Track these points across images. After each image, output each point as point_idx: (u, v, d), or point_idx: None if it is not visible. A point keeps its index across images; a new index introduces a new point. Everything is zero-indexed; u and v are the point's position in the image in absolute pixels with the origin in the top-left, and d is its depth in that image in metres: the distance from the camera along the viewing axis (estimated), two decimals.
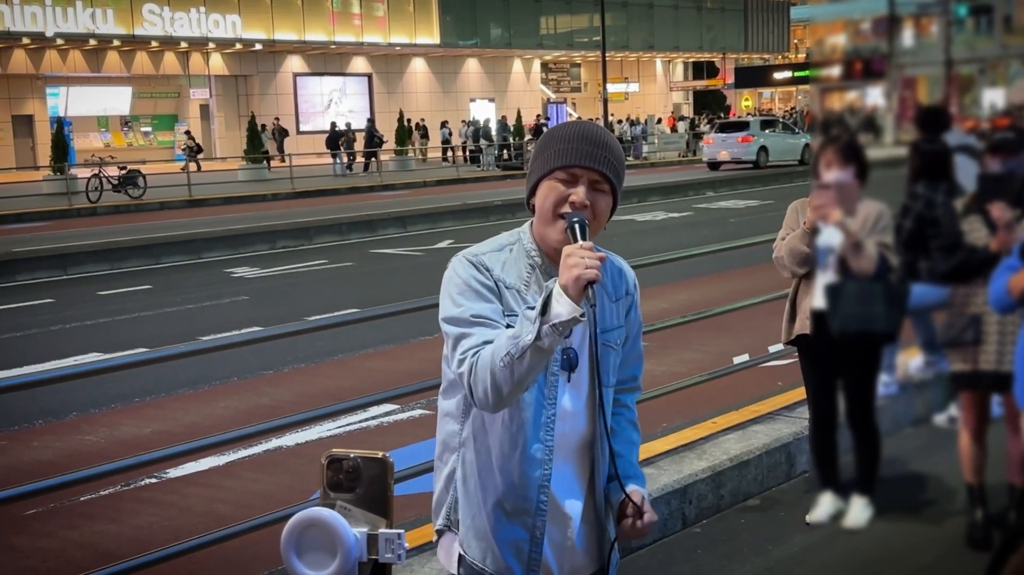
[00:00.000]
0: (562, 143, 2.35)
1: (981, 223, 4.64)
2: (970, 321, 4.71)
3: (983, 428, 4.96)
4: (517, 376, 2.16)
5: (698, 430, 5.93)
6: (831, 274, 4.81)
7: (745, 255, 8.21)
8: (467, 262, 2.36)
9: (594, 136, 2.36)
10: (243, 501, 5.73)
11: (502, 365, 2.15)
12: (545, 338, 2.11)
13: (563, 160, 2.32)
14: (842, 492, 5.20)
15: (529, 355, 2.12)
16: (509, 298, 2.34)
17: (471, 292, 2.32)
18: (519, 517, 2.39)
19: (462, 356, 2.26)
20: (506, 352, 2.15)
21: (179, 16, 41.14)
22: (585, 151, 2.32)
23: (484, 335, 2.25)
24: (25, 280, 15.08)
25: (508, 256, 2.39)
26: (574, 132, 2.37)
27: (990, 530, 4.83)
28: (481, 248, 2.41)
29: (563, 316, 2.09)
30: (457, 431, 2.44)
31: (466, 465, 2.43)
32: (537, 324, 2.10)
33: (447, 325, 2.33)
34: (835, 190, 4.67)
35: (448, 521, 2.48)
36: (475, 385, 2.23)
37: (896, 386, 6.57)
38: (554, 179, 2.33)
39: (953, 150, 5.69)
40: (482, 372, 2.20)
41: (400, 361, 8.99)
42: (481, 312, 2.29)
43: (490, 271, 2.35)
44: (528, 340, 2.11)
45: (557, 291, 2.11)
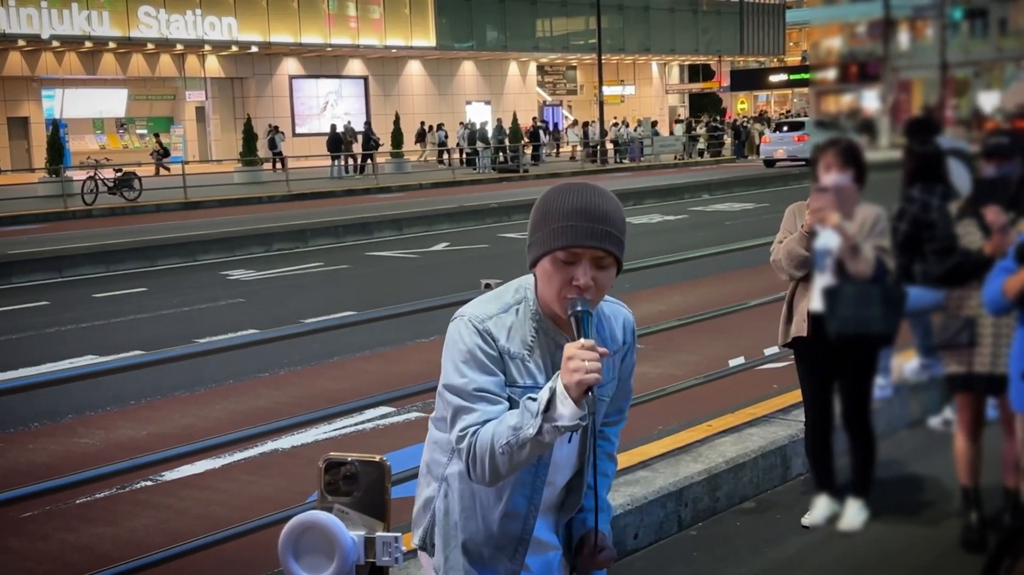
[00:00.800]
0: (562, 220, 2.26)
1: (975, 227, 4.65)
2: (964, 324, 4.72)
3: (978, 430, 4.97)
4: (515, 463, 2.22)
5: (694, 433, 5.93)
6: (829, 277, 4.82)
7: (741, 258, 8.22)
8: (473, 329, 2.33)
9: (594, 211, 2.26)
10: (239, 504, 5.72)
11: (500, 452, 2.20)
12: (546, 435, 2.16)
13: (564, 241, 2.25)
14: (838, 494, 5.21)
15: (529, 447, 2.19)
16: (512, 368, 2.33)
17: (475, 363, 2.31)
18: (497, 562, 2.45)
19: (461, 433, 2.28)
20: (506, 441, 2.19)
21: (175, 18, 41.12)
22: (586, 230, 2.24)
23: (485, 412, 2.27)
24: (20, 282, 15.06)
25: (514, 320, 2.36)
26: (574, 207, 2.26)
27: (985, 532, 4.84)
28: (487, 310, 2.37)
29: (565, 420, 2.13)
30: (443, 463, 2.48)
31: (448, 501, 2.46)
32: (539, 421, 2.14)
33: (449, 394, 2.33)
34: (833, 193, 4.68)
35: (424, 543, 2.53)
36: (473, 464, 2.26)
37: (891, 389, 6.58)
38: (556, 258, 2.27)
39: (945, 153, 5.70)
40: (480, 454, 2.24)
41: (396, 363, 8.99)
42: (484, 386, 2.29)
43: (495, 341, 2.32)
44: (529, 434, 2.16)
45: (561, 392, 2.12)
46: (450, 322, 2.39)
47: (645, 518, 4.97)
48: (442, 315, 2.51)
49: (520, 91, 55.04)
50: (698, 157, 43.05)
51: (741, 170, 34.44)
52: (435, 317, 9.26)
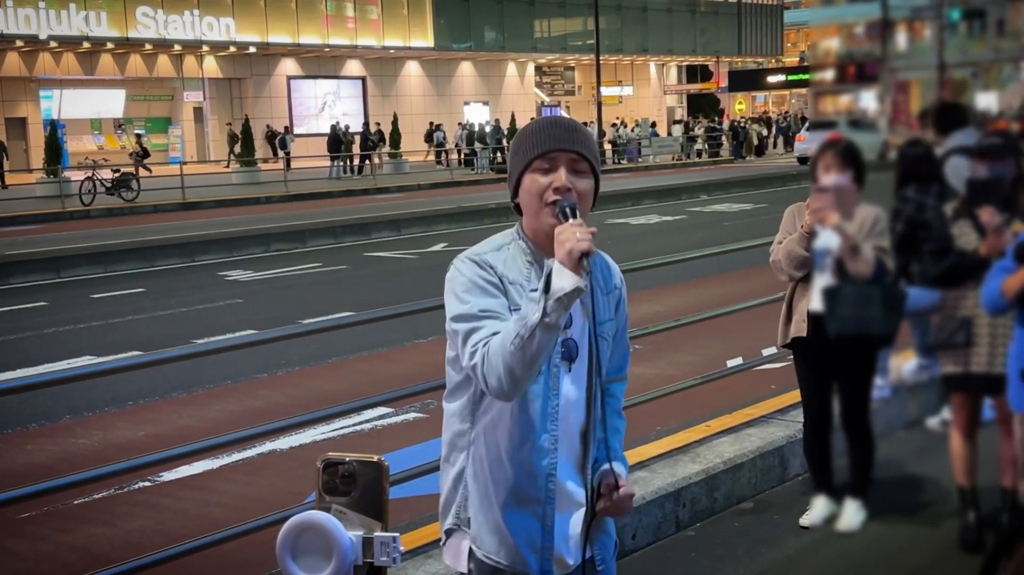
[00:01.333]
0: (534, 135, 2.44)
1: (970, 228, 4.66)
2: (961, 323, 4.72)
3: (974, 430, 4.97)
4: (528, 357, 2.22)
5: (692, 433, 5.93)
6: (828, 277, 4.82)
7: (739, 259, 8.22)
8: (470, 261, 2.43)
9: (564, 122, 2.46)
10: (237, 504, 5.72)
11: (513, 348, 2.22)
12: (552, 313, 2.18)
13: (539, 148, 2.41)
14: (836, 495, 5.21)
15: (538, 333, 2.19)
16: (513, 293, 2.40)
17: (477, 289, 2.38)
18: (530, 506, 2.46)
19: (473, 349, 2.32)
20: (516, 335, 2.21)
21: (173, 19, 41.09)
22: (557, 135, 2.41)
23: (493, 327, 2.32)
24: (18, 283, 15.05)
25: (507, 255, 2.45)
26: (543, 123, 2.47)
27: (983, 532, 4.85)
28: (481, 248, 2.48)
29: (566, 288, 2.16)
30: (465, 430, 2.50)
31: (475, 462, 2.49)
32: (542, 301, 2.17)
33: (455, 323, 2.38)
34: (833, 194, 4.68)
35: (458, 520, 2.53)
36: (488, 374, 2.28)
37: (889, 389, 6.59)
38: (534, 171, 2.41)
39: (955, 151, 5.69)
40: (494, 359, 2.26)
41: (394, 364, 8.98)
42: (488, 307, 2.36)
43: (493, 268, 2.41)
44: (536, 318, 2.18)
45: (556, 267, 2.19)
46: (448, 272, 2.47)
47: (643, 519, 4.97)
48: (440, 316, 2.52)
49: (518, 92, 55.05)
50: (696, 158, 43.04)
51: (739, 171, 34.43)
52: (433, 318, 9.26)
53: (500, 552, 2.47)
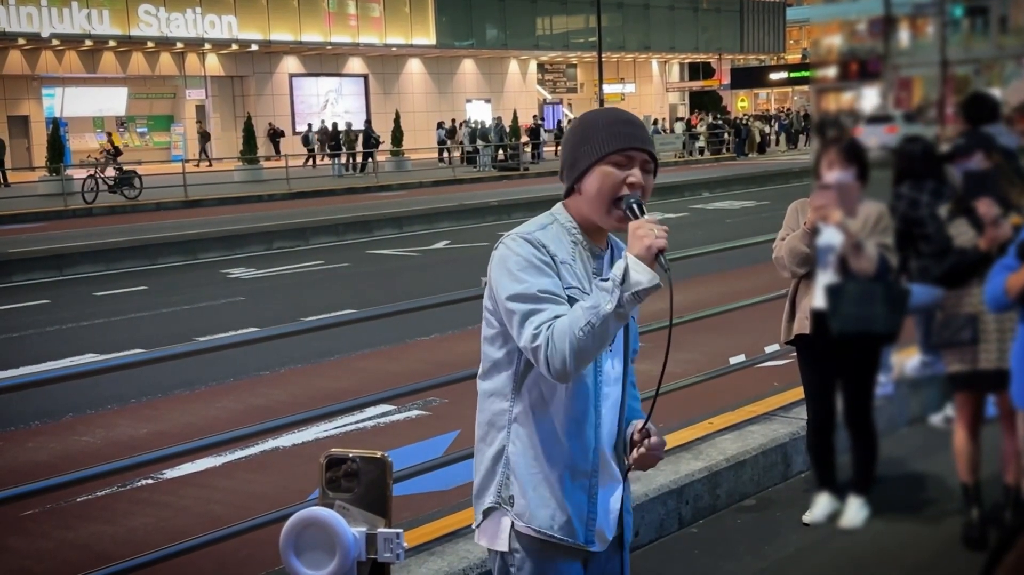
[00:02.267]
0: (611, 129, 2.47)
1: (968, 225, 4.65)
2: (966, 321, 4.72)
3: (977, 427, 4.96)
4: (597, 343, 2.31)
5: (695, 430, 5.93)
6: (831, 274, 4.81)
7: (741, 256, 8.22)
8: (522, 240, 2.45)
9: (637, 120, 2.54)
10: (239, 502, 5.72)
11: (582, 335, 2.28)
12: (626, 305, 2.26)
13: (617, 144, 2.45)
14: (839, 492, 5.21)
15: (611, 322, 2.28)
16: (564, 272, 2.44)
17: (533, 268, 2.41)
18: (580, 479, 2.52)
19: (536, 331, 2.35)
20: (587, 322, 2.28)
21: (175, 17, 41.07)
22: (635, 135, 2.47)
23: (554, 310, 2.36)
24: (21, 281, 15.06)
25: (552, 234, 2.49)
26: (617, 118, 2.52)
27: (986, 529, 4.84)
28: (528, 228, 2.50)
29: (644, 284, 2.26)
30: (506, 409, 2.53)
31: (521, 440, 2.52)
32: (617, 293, 2.25)
33: (513, 302, 2.40)
34: (836, 191, 4.67)
35: (499, 498, 2.54)
36: (552, 356, 2.32)
37: (892, 386, 6.58)
38: (609, 164, 2.44)
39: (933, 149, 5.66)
40: (559, 343, 2.31)
41: (397, 362, 8.99)
42: (546, 287, 2.39)
43: (546, 247, 2.44)
44: (609, 309, 2.26)
45: (634, 261, 2.27)
46: (495, 250, 2.50)
47: (646, 516, 4.97)
48: (442, 313, 2.52)
49: (520, 89, 55.02)
50: (698, 155, 43.00)
51: (741, 168, 34.40)
52: (435, 315, 9.29)
53: (553, 526, 2.50)
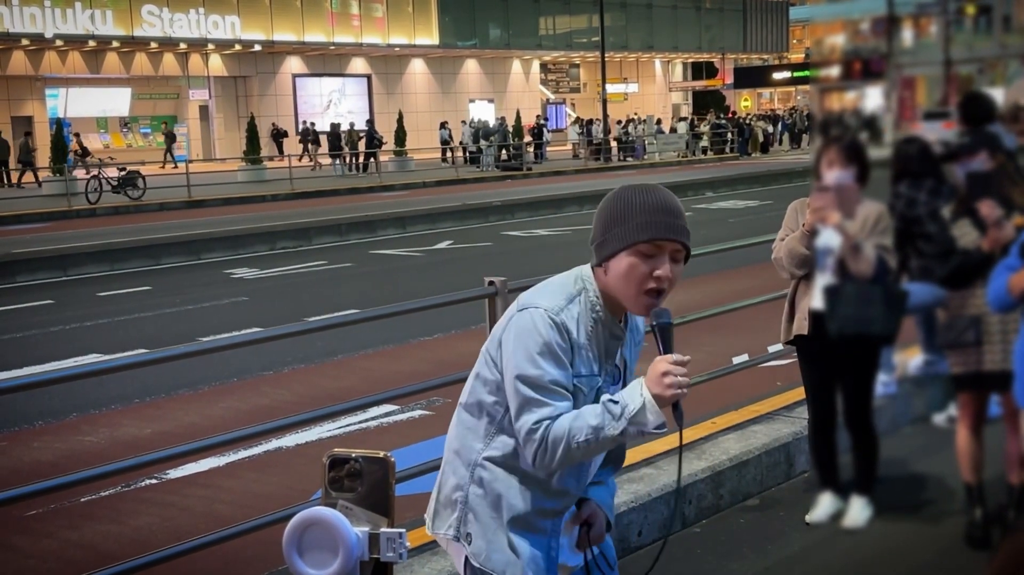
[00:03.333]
0: (646, 215, 2.39)
1: (970, 226, 4.65)
2: (969, 322, 4.71)
3: (980, 427, 4.96)
4: (588, 455, 2.39)
5: (697, 430, 5.93)
6: (830, 276, 4.81)
7: (744, 255, 8.21)
8: (550, 322, 2.41)
9: (674, 207, 2.43)
10: (243, 502, 5.73)
11: (577, 447, 2.33)
12: (629, 437, 2.33)
13: (650, 233, 2.38)
14: (841, 492, 5.21)
15: (608, 444, 2.37)
16: (577, 359, 2.44)
17: (550, 356, 2.40)
18: (539, 537, 2.54)
19: (535, 426, 2.37)
20: (585, 438, 2.32)
21: (178, 17, 41.11)
22: (669, 224, 2.39)
23: (558, 407, 2.38)
24: (25, 281, 15.08)
25: (578, 310, 2.45)
26: (656, 204, 2.41)
27: (989, 529, 4.84)
28: (556, 302, 2.44)
29: (650, 427, 2.31)
30: (477, 450, 2.54)
31: (484, 487, 2.52)
32: (623, 424, 2.29)
33: (522, 384, 2.40)
34: (834, 192, 4.67)
35: (458, 532, 2.56)
36: (542, 454, 2.37)
37: (895, 386, 6.57)
38: (636, 253, 2.39)
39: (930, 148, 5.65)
40: (553, 446, 2.35)
41: (400, 361, 8.99)
42: (557, 379, 2.39)
43: (569, 334, 2.42)
44: (610, 434, 2.32)
45: (650, 402, 2.29)
46: (518, 310, 2.47)
47: (649, 515, 4.97)
48: (445, 313, 2.53)
49: (523, 89, 55.01)
50: (701, 155, 42.98)
51: (744, 167, 34.38)
52: (438, 315, 9.30)
53: (506, 571, 2.52)
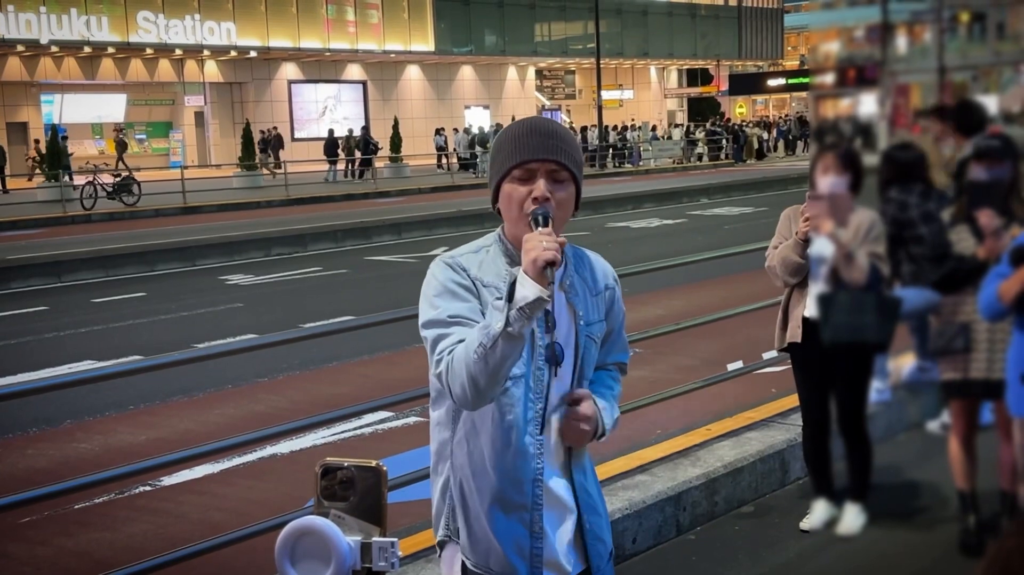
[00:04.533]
0: (511, 143, 2.38)
1: (968, 232, 4.66)
2: (960, 329, 4.72)
3: (972, 435, 4.97)
4: (491, 367, 2.18)
5: (692, 437, 5.94)
6: (823, 284, 4.82)
7: (739, 262, 8.23)
8: (444, 264, 2.41)
9: (544, 128, 2.39)
10: (238, 509, 5.73)
11: (475, 357, 2.18)
12: (514, 323, 2.14)
13: (517, 158, 2.35)
14: (836, 499, 5.21)
15: (501, 343, 2.15)
16: (487, 295, 2.36)
17: (448, 294, 2.36)
18: (516, 513, 2.41)
19: (438, 356, 2.30)
20: (479, 344, 2.17)
21: (174, 23, 41.12)
22: (537, 144, 2.35)
23: (461, 334, 2.28)
24: (19, 287, 15.06)
25: (485, 256, 2.42)
26: (523, 128, 2.40)
27: (982, 536, 4.84)
28: (459, 251, 2.46)
29: (528, 298, 2.12)
30: (448, 439, 2.47)
31: (458, 470, 2.44)
32: (505, 311, 2.14)
33: (425, 329, 2.37)
34: (828, 201, 4.68)
35: (448, 531, 2.49)
36: (452, 382, 2.26)
37: (889, 393, 6.58)
38: (512, 179, 2.37)
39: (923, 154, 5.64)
40: (458, 367, 2.23)
41: (395, 368, 8.99)
42: (458, 312, 2.33)
43: (467, 271, 2.38)
44: (498, 328, 2.14)
45: (521, 276, 2.15)
46: None
47: (643, 522, 4.97)
48: None
49: (519, 95, 55.07)
50: (697, 161, 43.04)
51: (740, 174, 34.42)
52: None
53: (489, 561, 2.42)
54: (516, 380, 2.36)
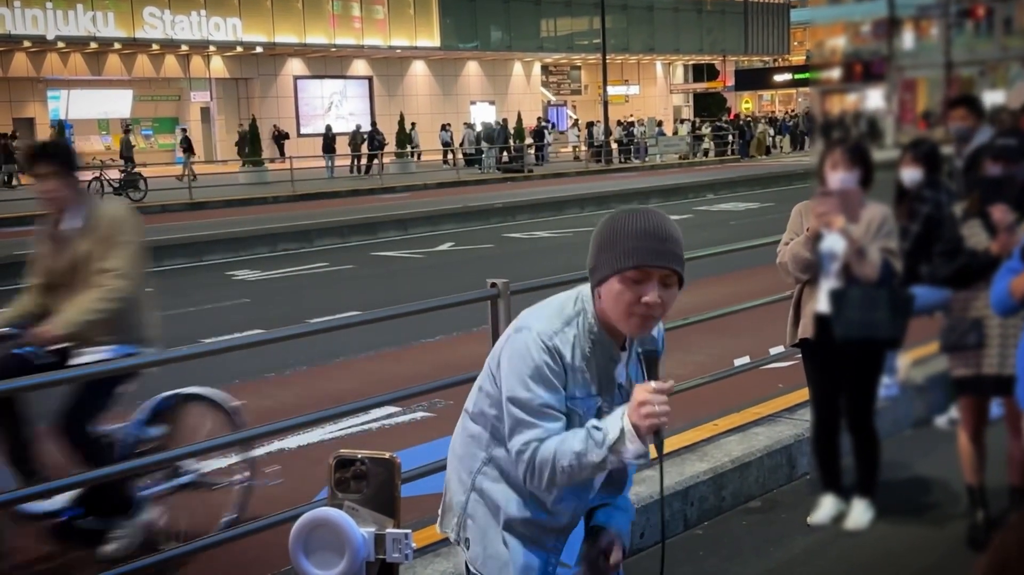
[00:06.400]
0: (633, 241, 2.37)
1: (981, 227, 4.64)
2: (972, 325, 4.71)
3: (981, 429, 4.97)
4: (574, 480, 2.42)
5: (699, 432, 5.94)
6: (835, 280, 4.81)
7: (746, 257, 8.21)
8: (543, 346, 2.42)
9: (663, 233, 2.39)
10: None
11: (561, 471, 2.35)
12: (609, 464, 2.34)
13: (635, 260, 2.36)
14: (843, 494, 5.21)
15: (591, 470, 2.38)
16: (571, 382, 2.45)
17: (541, 380, 2.41)
18: (537, 550, 2.54)
19: (523, 447, 2.40)
20: (568, 464, 2.34)
21: (180, 19, 41.17)
22: (656, 250, 2.37)
23: (548, 428, 2.40)
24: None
25: (575, 332, 2.46)
26: (643, 229, 2.39)
27: (991, 531, 4.84)
28: (552, 325, 2.46)
29: (629, 456, 2.33)
30: (479, 458, 2.57)
31: (484, 496, 2.54)
32: (604, 452, 2.30)
33: (514, 407, 2.43)
34: (838, 197, 4.67)
35: (458, 537, 2.59)
36: (531, 474, 2.40)
37: (896, 388, 6.58)
38: (624, 279, 2.38)
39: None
40: (540, 468, 2.38)
41: (401, 363, 8.99)
42: (548, 403, 2.41)
43: (562, 358, 2.43)
44: (593, 461, 2.34)
45: (630, 431, 2.30)
46: (515, 331, 2.49)
47: (651, 517, 4.97)
48: (447, 315, 2.54)
49: (524, 91, 55.04)
50: (703, 157, 42.98)
51: (745, 170, 34.37)
52: (440, 317, 9.30)
53: None
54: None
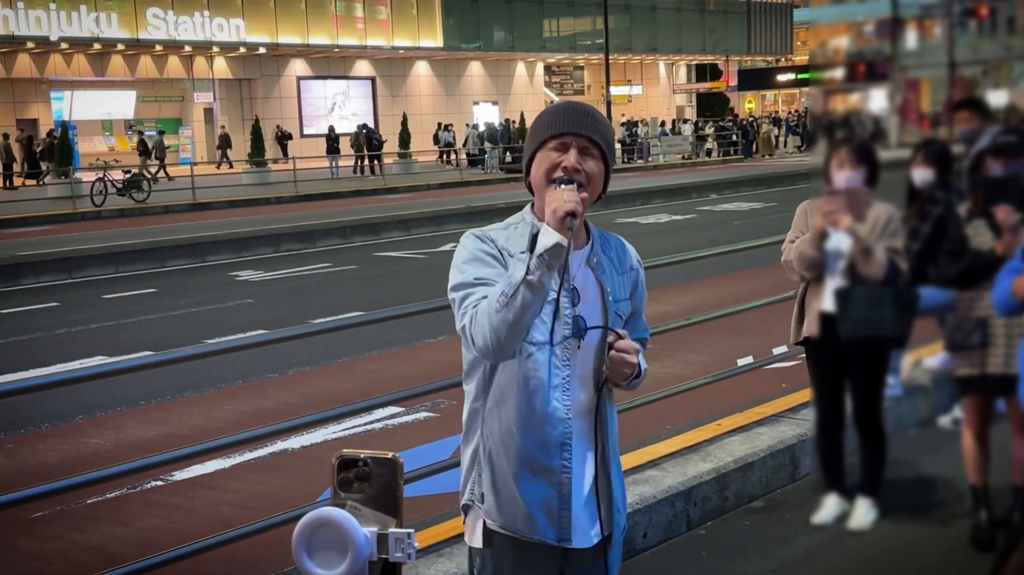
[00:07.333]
0: (550, 116, 2.53)
1: (985, 227, 4.64)
2: (976, 324, 4.71)
3: (985, 429, 4.96)
4: (513, 315, 2.28)
5: (702, 432, 5.93)
6: (841, 279, 4.81)
7: (749, 257, 8.22)
8: (473, 236, 2.52)
9: (579, 107, 2.54)
10: (249, 503, 5.74)
11: (498, 307, 2.29)
12: (535, 271, 2.25)
13: (552, 130, 2.49)
14: (847, 493, 5.21)
15: (522, 291, 2.26)
16: (512, 265, 2.44)
17: (475, 260, 2.47)
18: (545, 476, 2.49)
19: (463, 311, 2.40)
20: (501, 293, 2.29)
21: (183, 20, 41.19)
22: (572, 119, 2.49)
23: (486, 292, 2.39)
24: (30, 284, 15.11)
25: (513, 232, 2.53)
26: (559, 106, 2.56)
27: (994, 531, 4.84)
28: (488, 227, 2.57)
29: (547, 244, 2.25)
30: (479, 408, 2.56)
31: (488, 437, 2.53)
32: (527, 259, 2.27)
33: (453, 292, 2.47)
34: (845, 195, 4.66)
35: (472, 495, 2.56)
36: (475, 333, 2.36)
37: (899, 387, 6.57)
38: (546, 150, 2.49)
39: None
40: (481, 318, 2.34)
41: (404, 364, 9.00)
42: (484, 275, 2.44)
43: (494, 241, 2.50)
44: (519, 275, 2.26)
45: (544, 228, 2.29)
46: None
47: (654, 517, 4.97)
48: (450, 315, 2.54)
49: (527, 91, 55.03)
50: (706, 156, 42.97)
51: (749, 170, 34.36)
52: (443, 317, 9.28)
53: (516, 523, 2.50)
54: (540, 346, 2.45)
